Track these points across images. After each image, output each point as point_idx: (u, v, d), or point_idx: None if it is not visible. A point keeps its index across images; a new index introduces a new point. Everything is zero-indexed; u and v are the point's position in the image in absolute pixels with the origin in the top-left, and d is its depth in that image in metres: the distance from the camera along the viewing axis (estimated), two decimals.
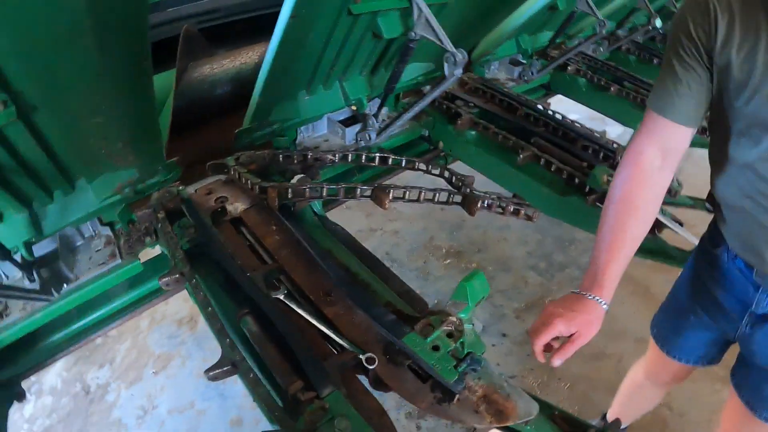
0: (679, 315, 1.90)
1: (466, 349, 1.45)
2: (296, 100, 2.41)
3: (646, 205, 1.47)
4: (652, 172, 1.45)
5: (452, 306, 1.53)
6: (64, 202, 1.97)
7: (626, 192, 1.47)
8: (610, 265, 1.44)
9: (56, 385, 3.54)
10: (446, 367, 1.39)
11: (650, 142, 1.45)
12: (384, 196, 1.89)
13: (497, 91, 2.94)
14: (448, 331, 1.47)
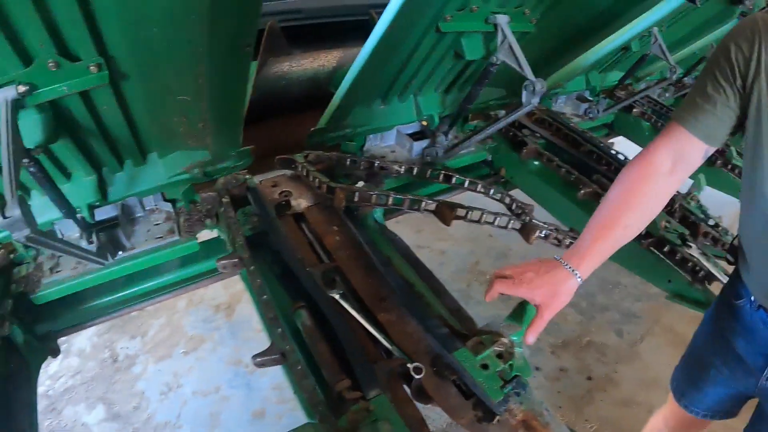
0: (699, 369, 1.89)
1: (514, 372, 1.45)
2: (371, 109, 2.44)
3: (646, 201, 1.47)
4: (658, 174, 1.45)
5: (505, 328, 1.54)
6: (133, 172, 2.02)
7: (629, 183, 1.48)
8: (595, 243, 1.45)
9: (85, 349, 3.62)
10: (493, 387, 1.39)
11: (664, 147, 1.45)
12: (449, 212, 1.90)
13: (563, 125, 2.93)
14: (499, 352, 1.47)
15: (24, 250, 1.96)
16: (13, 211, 1.31)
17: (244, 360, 3.49)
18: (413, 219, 4.88)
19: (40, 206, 1.84)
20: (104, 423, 3.17)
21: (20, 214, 1.31)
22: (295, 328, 1.56)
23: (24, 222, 1.33)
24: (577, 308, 3.89)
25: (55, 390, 3.36)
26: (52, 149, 1.72)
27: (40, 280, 1.89)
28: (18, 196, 1.32)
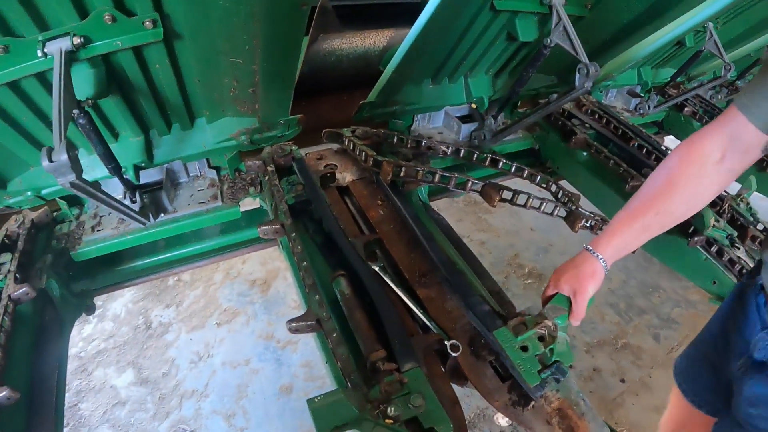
0: (699, 348, 1.86)
1: (555, 357, 1.40)
2: (420, 87, 2.42)
3: (685, 188, 1.38)
4: (705, 160, 1.36)
5: (550, 310, 1.49)
6: (181, 136, 2.04)
7: (670, 168, 1.41)
8: (623, 229, 1.43)
9: (120, 314, 3.68)
10: (530, 370, 1.35)
11: (717, 133, 1.36)
12: (494, 193, 1.86)
13: (613, 117, 2.86)
14: (540, 335, 1.42)
15: (67, 208, 2.00)
16: (60, 156, 1.32)
17: (276, 335, 3.51)
18: (454, 208, 4.88)
19: (87, 165, 1.85)
20: (132, 386, 3.22)
21: (67, 159, 1.33)
22: (333, 298, 1.55)
23: (70, 167, 1.35)
24: (615, 309, 3.81)
25: (87, 352, 3.42)
26: (102, 107, 1.75)
27: (81, 237, 1.93)
28: (66, 142, 1.33)
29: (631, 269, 4.21)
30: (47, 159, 1.32)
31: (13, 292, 1.55)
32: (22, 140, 1.73)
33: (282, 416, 3.01)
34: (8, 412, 1.35)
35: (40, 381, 1.56)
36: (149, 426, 3.00)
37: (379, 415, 1.19)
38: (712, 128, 1.37)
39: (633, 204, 1.44)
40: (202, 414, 3.06)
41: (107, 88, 1.62)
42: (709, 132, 1.37)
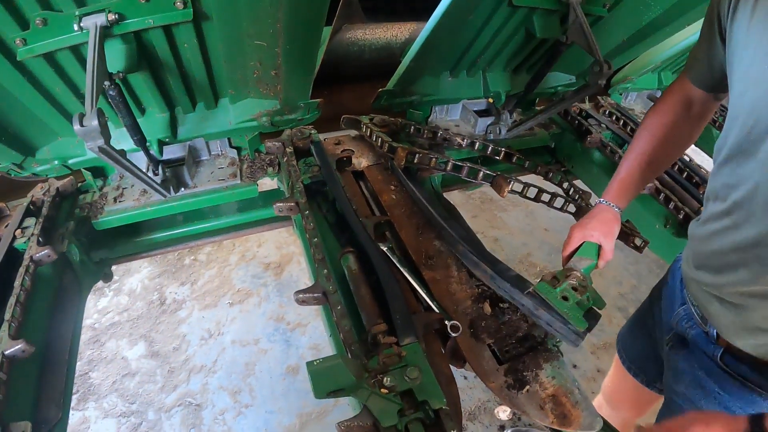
0: (638, 316, 1.96)
1: (591, 303, 1.46)
2: (439, 79, 2.46)
3: (667, 137, 1.59)
4: (676, 113, 1.58)
5: (576, 262, 1.56)
6: (204, 115, 2.11)
7: (650, 127, 1.62)
8: (625, 182, 1.63)
9: (135, 289, 3.76)
10: (577, 316, 1.41)
11: (675, 93, 1.59)
12: (505, 184, 1.90)
13: (630, 120, 2.88)
14: (573, 285, 1.47)
15: (91, 179, 2.08)
16: (91, 121, 1.40)
17: (287, 318, 3.57)
18: (470, 204, 4.91)
19: (114, 138, 1.88)
20: (143, 359, 3.30)
21: (97, 124, 1.40)
22: (340, 274, 1.60)
23: (99, 132, 1.42)
24: (624, 312, 3.81)
25: (101, 324, 3.51)
26: (132, 82, 1.82)
27: (103, 207, 2.00)
28: (97, 109, 1.40)
29: (643, 275, 4.21)
30: (79, 123, 1.39)
31: (35, 253, 1.62)
32: (53, 110, 1.81)
33: (287, 395, 3.08)
34: (22, 365, 1.40)
35: (55, 340, 1.63)
36: (156, 397, 3.08)
37: (375, 385, 1.23)
38: (672, 89, 1.60)
39: (628, 159, 1.64)
40: (209, 389, 3.13)
41: (137, 64, 1.69)
42: (671, 92, 1.60)
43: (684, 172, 2.49)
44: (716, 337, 1.39)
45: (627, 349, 2.02)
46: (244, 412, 3.02)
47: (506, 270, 1.61)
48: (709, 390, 1.41)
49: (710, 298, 1.38)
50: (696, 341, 1.46)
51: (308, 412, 2.99)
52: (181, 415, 2.99)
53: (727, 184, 1.26)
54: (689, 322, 1.50)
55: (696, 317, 1.47)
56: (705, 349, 1.43)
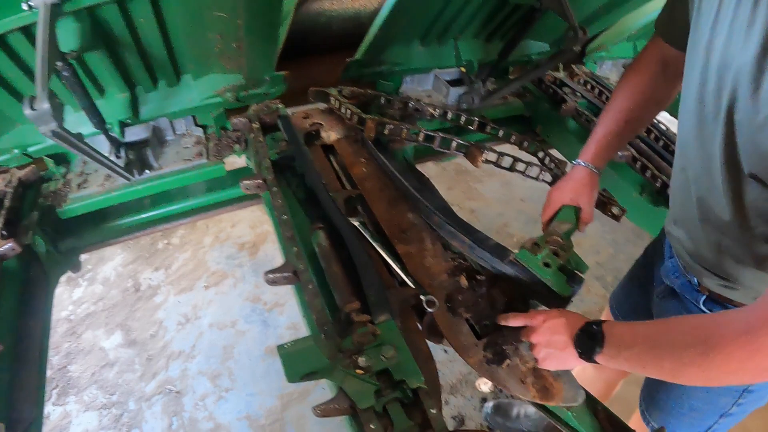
0: (632, 271, 1.98)
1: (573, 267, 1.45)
2: (409, 48, 2.40)
3: (644, 95, 1.57)
4: (652, 72, 1.55)
5: (556, 226, 1.53)
6: (167, 93, 2.03)
7: (627, 86, 1.59)
8: (602, 141, 1.61)
9: (110, 277, 3.68)
10: (560, 283, 1.39)
11: (650, 52, 1.57)
12: (478, 153, 1.86)
13: (606, 88, 2.84)
14: (554, 250, 1.46)
15: (54, 166, 2.00)
16: (42, 104, 1.32)
17: (263, 298, 3.52)
18: (445, 176, 4.86)
19: (74, 121, 1.87)
20: (120, 348, 3.23)
21: (49, 107, 1.32)
22: (311, 251, 1.55)
23: (51, 115, 1.34)
24: (602, 282, 3.82)
25: (77, 315, 3.43)
26: (88, 61, 1.73)
27: (67, 195, 1.93)
28: (48, 91, 1.33)
29: (620, 243, 4.21)
30: (29, 107, 1.32)
31: None
32: (9, 96, 1.72)
33: (267, 377, 3.04)
34: None
35: (25, 337, 1.57)
36: (136, 386, 3.02)
37: (350, 365, 1.20)
38: (647, 48, 1.58)
39: (605, 118, 1.62)
40: (189, 374, 3.08)
41: (92, 42, 1.62)
42: (646, 52, 1.58)
43: (660, 141, 2.47)
44: (698, 284, 1.43)
45: (620, 305, 2.04)
46: (225, 396, 2.97)
47: (485, 239, 1.58)
48: None
49: (683, 250, 1.44)
50: (682, 290, 1.50)
51: (289, 392, 2.95)
52: (162, 403, 2.94)
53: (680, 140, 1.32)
54: (675, 273, 1.52)
55: (680, 268, 1.50)
56: (690, 297, 1.47)
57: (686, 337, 1.01)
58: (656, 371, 1.07)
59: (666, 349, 1.04)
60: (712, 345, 0.95)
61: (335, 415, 1.17)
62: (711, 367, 0.95)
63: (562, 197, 1.62)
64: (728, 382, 1.00)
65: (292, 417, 2.86)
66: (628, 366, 1.14)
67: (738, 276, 1.30)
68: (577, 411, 1.39)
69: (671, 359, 1.02)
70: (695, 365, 0.98)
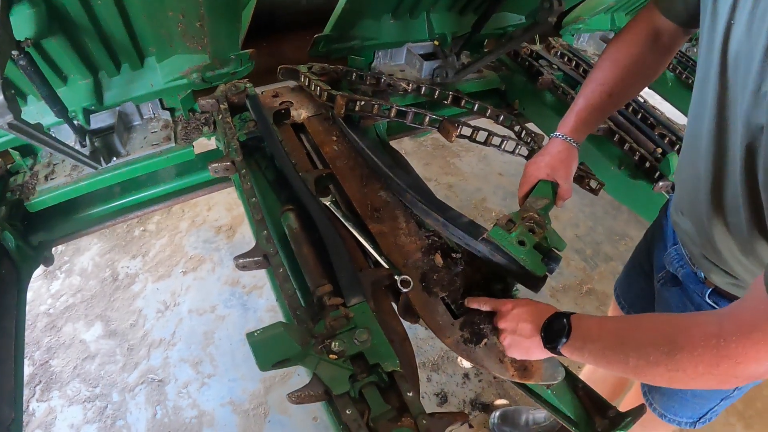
0: (634, 258, 1.94)
1: (549, 245, 1.39)
2: (380, 22, 2.34)
3: (631, 67, 1.49)
4: (642, 43, 1.47)
5: (532, 202, 1.48)
6: (131, 76, 1.97)
7: (613, 55, 1.51)
8: (583, 113, 1.54)
9: (87, 268, 3.63)
10: (535, 262, 1.34)
11: (642, 22, 1.48)
12: (452, 128, 1.82)
13: (583, 61, 2.80)
14: (530, 227, 1.40)
15: (20, 158, 1.94)
16: None
17: (242, 281, 3.49)
18: (422, 152, 4.82)
19: (37, 111, 1.82)
20: (101, 340, 3.18)
21: (3, 99, 1.26)
22: (283, 234, 1.51)
23: (6, 107, 1.28)
24: (581, 255, 3.82)
25: (56, 308, 3.38)
26: (47, 48, 1.67)
27: (35, 187, 1.87)
28: (2, 82, 1.26)
29: (599, 216, 4.20)
30: None
31: None
32: None
33: (248, 361, 3.00)
34: None
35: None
36: (119, 378, 2.99)
37: (323, 351, 1.17)
38: (640, 17, 1.49)
39: (587, 89, 1.53)
40: (170, 362, 3.05)
41: (48, 28, 1.55)
42: (637, 21, 1.49)
43: (638, 114, 2.45)
44: (704, 277, 1.39)
45: (624, 293, 2.00)
46: (208, 383, 2.95)
47: (458, 216, 1.54)
48: None
49: (690, 241, 1.38)
50: (686, 280, 1.46)
51: (272, 375, 2.94)
52: (145, 393, 2.91)
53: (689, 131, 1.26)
54: (680, 261, 1.48)
55: (686, 257, 1.45)
56: (695, 289, 1.43)
57: (654, 335, 0.98)
58: (621, 368, 1.04)
59: (632, 345, 1.01)
60: (680, 345, 0.92)
61: (310, 402, 1.15)
62: (677, 368, 0.92)
63: (538, 172, 1.56)
64: (693, 385, 0.96)
65: (275, 400, 2.84)
66: (592, 360, 1.11)
67: (748, 276, 1.26)
68: (556, 389, 1.38)
69: (636, 356, 0.99)
70: (660, 364, 0.94)
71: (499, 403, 2.84)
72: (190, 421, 2.78)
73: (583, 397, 1.39)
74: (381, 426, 1.09)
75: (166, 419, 2.79)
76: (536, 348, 1.23)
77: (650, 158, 2.17)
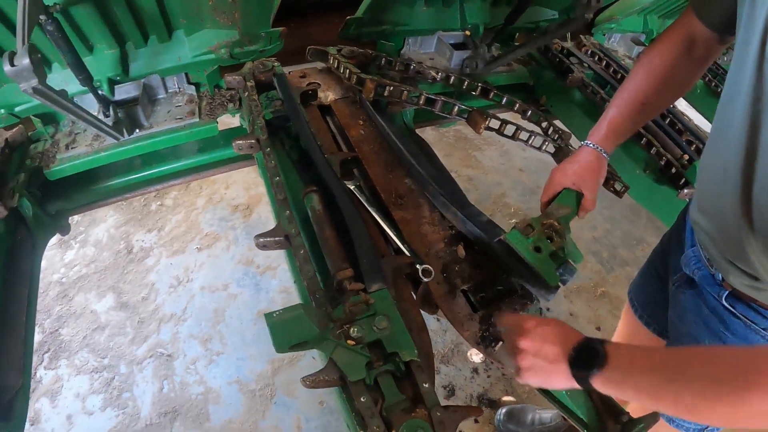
0: (650, 262, 1.89)
1: (566, 256, 1.35)
2: (412, 8, 2.32)
3: (666, 77, 1.45)
4: (676, 55, 1.44)
5: (553, 209, 1.44)
6: (158, 49, 1.95)
7: (648, 63, 1.47)
8: (616, 123, 1.50)
9: (102, 239, 3.64)
10: (549, 270, 1.30)
11: (678, 30, 1.44)
12: (481, 119, 1.79)
13: (614, 61, 2.76)
14: (549, 234, 1.36)
15: (42, 126, 1.93)
16: (22, 59, 1.25)
17: (256, 261, 3.48)
18: (444, 143, 4.79)
19: (61, 79, 1.81)
20: (112, 311, 3.20)
21: (29, 62, 1.25)
22: (305, 215, 1.50)
23: (32, 71, 1.27)
24: (597, 257, 3.78)
25: (68, 278, 3.39)
26: (75, 16, 1.66)
27: (55, 155, 1.87)
28: (29, 45, 1.25)
29: (617, 219, 4.16)
30: (9, 63, 1.24)
31: None
32: None
33: (258, 341, 3.02)
34: None
35: (11, 302, 1.53)
36: (127, 350, 3.00)
37: (341, 336, 1.15)
38: (676, 26, 1.45)
39: (620, 99, 1.50)
40: (180, 338, 3.06)
41: None
42: (674, 28, 1.45)
43: (667, 118, 2.40)
44: (721, 279, 1.34)
45: (638, 296, 1.95)
46: (216, 360, 2.95)
47: (477, 214, 1.51)
48: (714, 330, 1.38)
49: (710, 242, 1.33)
50: (703, 282, 1.41)
51: (280, 357, 2.93)
52: (152, 367, 2.92)
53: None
54: (697, 263, 1.43)
55: (703, 259, 1.41)
56: (711, 291, 1.38)
57: (716, 370, 0.90)
58: (671, 406, 0.95)
59: (687, 380, 0.92)
60: (751, 381, 0.84)
61: (324, 387, 1.14)
62: (745, 406, 0.84)
63: (564, 179, 1.52)
64: (756, 425, 0.87)
65: (282, 382, 2.84)
66: (633, 394, 1.01)
67: None
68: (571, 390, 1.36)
69: (692, 393, 0.91)
70: (725, 402, 0.87)
71: (507, 400, 2.83)
72: (196, 398, 2.78)
73: (596, 400, 1.37)
74: (394, 416, 1.07)
75: (172, 394, 2.80)
76: (560, 375, 1.12)
77: (676, 164, 2.13)
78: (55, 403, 2.76)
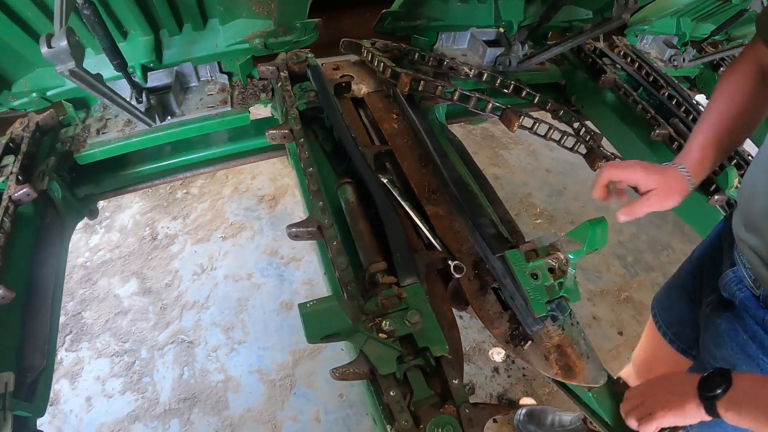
0: (677, 279, 1.83)
1: (562, 292, 1.30)
2: (447, 4, 2.31)
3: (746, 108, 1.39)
4: (753, 80, 1.38)
5: (563, 242, 1.41)
6: (192, 37, 1.96)
7: (729, 88, 1.41)
8: (704, 141, 1.41)
9: (127, 225, 3.68)
10: (538, 299, 1.26)
11: (749, 56, 1.39)
12: (515, 117, 1.78)
13: (646, 63, 2.72)
14: (551, 266, 1.32)
15: (73, 111, 1.95)
16: (59, 42, 1.26)
17: (280, 252, 3.50)
18: (471, 141, 4.78)
19: (94, 64, 1.82)
20: (135, 296, 3.24)
21: (66, 45, 1.26)
22: (337, 207, 1.49)
23: (70, 54, 1.28)
24: (622, 261, 3.74)
25: (93, 262, 3.44)
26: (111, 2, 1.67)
27: (86, 140, 1.89)
28: (66, 28, 1.26)
29: (643, 224, 4.11)
30: (46, 45, 1.25)
31: (14, 193, 1.53)
32: (27, 38, 1.67)
33: (280, 332, 3.03)
34: (2, 312, 1.34)
35: (38, 284, 1.55)
36: (149, 335, 3.04)
37: (372, 329, 1.15)
38: (745, 53, 1.39)
39: (705, 126, 1.42)
40: (202, 325, 3.09)
41: None
42: (743, 57, 1.39)
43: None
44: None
45: (663, 313, 1.89)
46: (237, 349, 2.98)
47: (487, 225, 1.48)
48: (753, 355, 1.33)
49: (759, 260, 1.29)
50: (745, 304, 1.36)
51: (301, 348, 2.93)
52: (174, 353, 2.95)
53: None
54: (739, 284, 1.38)
55: (747, 279, 1.36)
56: (753, 314, 1.33)
57: None
58: None
59: None
60: None
61: (354, 379, 1.13)
62: None
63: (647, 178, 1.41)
64: None
65: (303, 373, 2.84)
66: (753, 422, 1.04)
67: None
68: (598, 393, 1.36)
69: None
70: None
71: (526, 401, 2.81)
72: (216, 385, 2.80)
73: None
74: (423, 411, 1.07)
75: (192, 380, 2.82)
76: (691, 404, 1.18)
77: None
78: (74, 385, 2.81)
